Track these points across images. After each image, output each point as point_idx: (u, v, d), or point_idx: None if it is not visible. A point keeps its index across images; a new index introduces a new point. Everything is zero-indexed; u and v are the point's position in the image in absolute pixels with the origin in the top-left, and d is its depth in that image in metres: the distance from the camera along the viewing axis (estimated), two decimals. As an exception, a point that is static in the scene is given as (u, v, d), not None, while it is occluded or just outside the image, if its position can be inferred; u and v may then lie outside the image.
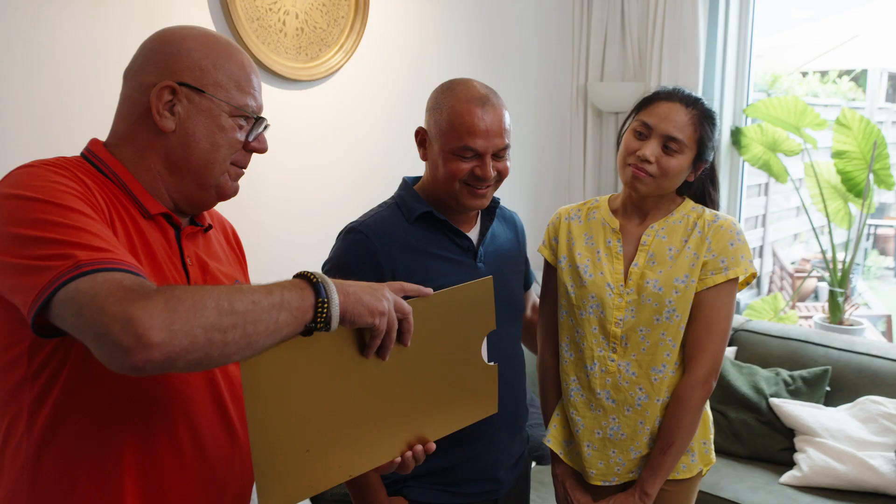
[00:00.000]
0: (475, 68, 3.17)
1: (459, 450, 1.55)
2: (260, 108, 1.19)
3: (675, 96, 1.68)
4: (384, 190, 1.73)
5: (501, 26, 3.31)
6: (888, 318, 4.28)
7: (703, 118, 1.67)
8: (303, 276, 1.01)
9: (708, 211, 1.75)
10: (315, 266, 1.60)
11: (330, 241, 1.62)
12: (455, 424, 1.28)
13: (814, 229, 3.53)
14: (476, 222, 1.65)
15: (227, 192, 1.20)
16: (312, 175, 2.67)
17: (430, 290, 1.14)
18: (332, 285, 0.99)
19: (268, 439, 1.01)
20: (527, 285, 1.83)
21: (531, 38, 3.47)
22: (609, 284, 1.73)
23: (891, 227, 7.43)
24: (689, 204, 1.77)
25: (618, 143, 1.77)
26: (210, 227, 1.25)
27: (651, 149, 1.65)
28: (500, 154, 1.52)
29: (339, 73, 2.68)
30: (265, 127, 1.20)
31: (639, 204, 1.75)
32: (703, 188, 1.80)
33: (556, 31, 3.60)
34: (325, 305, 0.98)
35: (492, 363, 1.33)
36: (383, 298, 1.04)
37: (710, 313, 1.69)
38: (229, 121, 1.14)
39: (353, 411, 1.10)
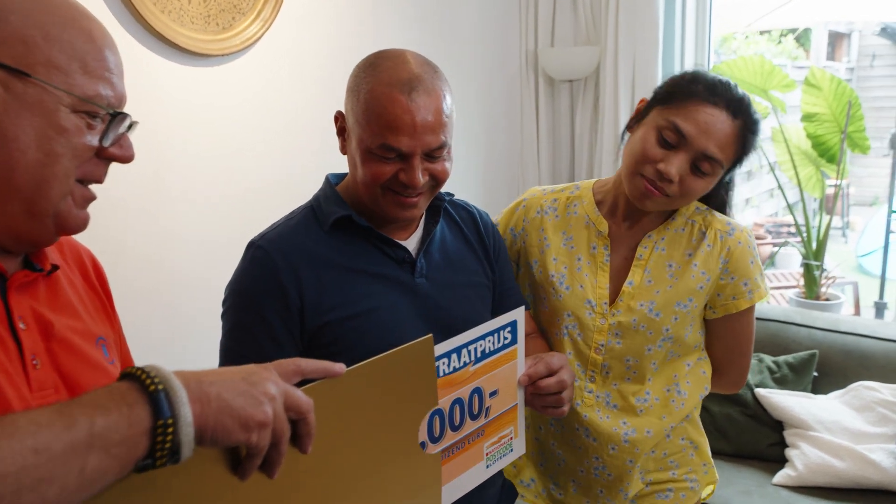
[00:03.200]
0: (413, 34, 2.81)
1: None
2: (120, 100, 0.84)
3: (719, 97, 1.30)
4: (318, 181, 1.38)
5: (441, -13, 2.96)
6: (854, 287, 4.12)
7: (749, 130, 1.32)
8: (133, 377, 0.67)
9: (718, 216, 1.44)
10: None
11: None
12: None
13: (786, 199, 3.31)
14: (417, 226, 1.31)
15: (71, 224, 0.83)
16: (231, 166, 2.29)
17: (340, 367, 0.82)
18: (182, 391, 0.66)
19: None
20: (513, 304, 1.38)
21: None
22: (590, 301, 1.42)
23: (835, 185, 7.40)
24: (691, 204, 1.46)
25: (622, 134, 1.44)
26: (55, 267, 0.89)
27: (678, 165, 1.30)
28: (434, 154, 1.17)
29: (258, 45, 2.29)
30: (130, 126, 0.84)
31: (637, 207, 1.42)
32: (716, 192, 1.47)
33: (501, -9, 3.26)
34: (171, 429, 0.64)
35: (436, 451, 1.01)
36: (264, 398, 0.71)
37: (732, 338, 1.47)
38: (72, 118, 0.78)
39: None
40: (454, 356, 1.09)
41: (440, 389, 1.07)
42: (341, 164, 1.31)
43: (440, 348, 1.06)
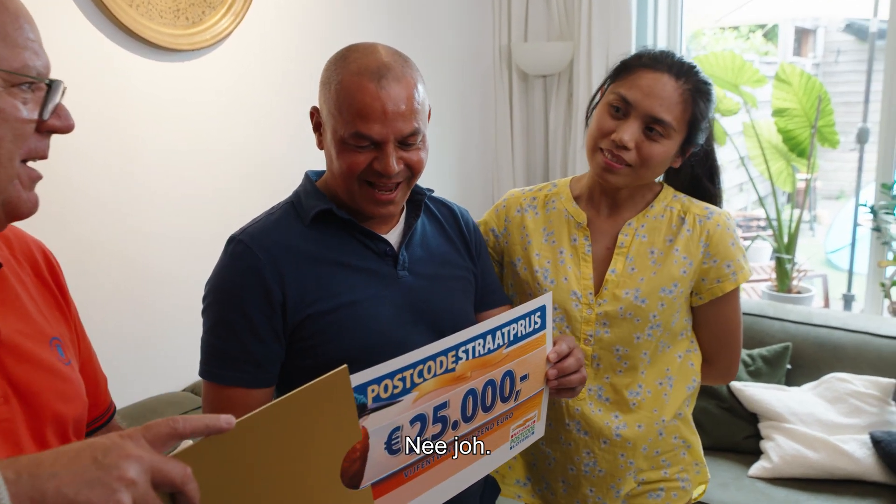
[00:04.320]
0: (385, 27, 2.79)
1: None
2: (48, 68, 0.79)
3: (661, 63, 1.34)
4: (293, 176, 1.36)
5: (414, -18, 2.93)
6: (824, 279, 4.18)
7: (697, 92, 1.35)
8: None
9: (695, 202, 1.46)
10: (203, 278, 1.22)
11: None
12: None
13: (757, 193, 3.34)
14: (398, 220, 1.30)
15: (22, 209, 0.78)
16: (203, 162, 2.25)
17: (227, 420, 0.69)
18: (3, 493, 0.55)
19: None
20: (496, 301, 1.41)
21: (447, -6, 3.11)
22: (575, 293, 1.42)
23: (806, 179, 7.49)
24: (668, 192, 1.47)
25: (587, 118, 1.44)
26: None
27: (630, 132, 1.33)
28: (407, 141, 1.17)
29: (229, 39, 2.25)
30: (63, 92, 0.79)
31: (610, 192, 1.44)
32: (696, 181, 1.49)
33: (474, -14, 3.24)
34: None
35: (365, 486, 0.95)
36: (119, 485, 0.58)
37: (721, 324, 1.46)
38: (5, 96, 0.73)
39: None
40: (489, 338, 1.10)
41: (475, 370, 1.08)
42: (315, 160, 1.30)
43: (471, 332, 1.07)
